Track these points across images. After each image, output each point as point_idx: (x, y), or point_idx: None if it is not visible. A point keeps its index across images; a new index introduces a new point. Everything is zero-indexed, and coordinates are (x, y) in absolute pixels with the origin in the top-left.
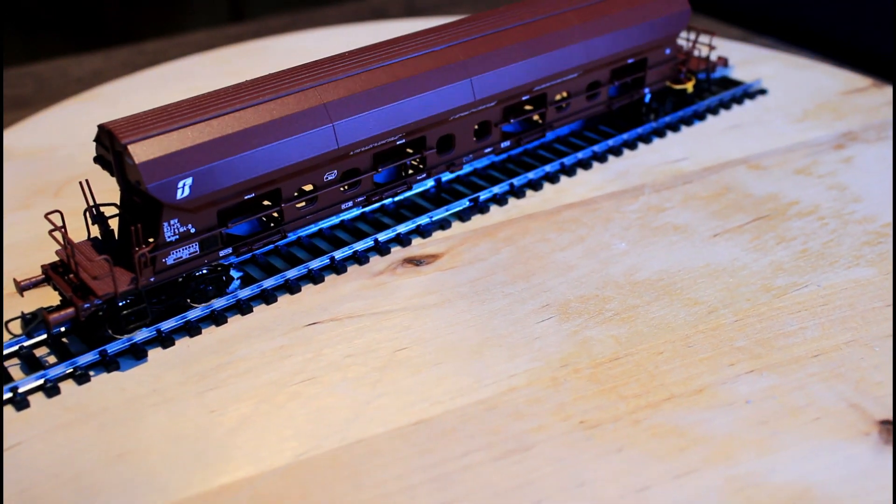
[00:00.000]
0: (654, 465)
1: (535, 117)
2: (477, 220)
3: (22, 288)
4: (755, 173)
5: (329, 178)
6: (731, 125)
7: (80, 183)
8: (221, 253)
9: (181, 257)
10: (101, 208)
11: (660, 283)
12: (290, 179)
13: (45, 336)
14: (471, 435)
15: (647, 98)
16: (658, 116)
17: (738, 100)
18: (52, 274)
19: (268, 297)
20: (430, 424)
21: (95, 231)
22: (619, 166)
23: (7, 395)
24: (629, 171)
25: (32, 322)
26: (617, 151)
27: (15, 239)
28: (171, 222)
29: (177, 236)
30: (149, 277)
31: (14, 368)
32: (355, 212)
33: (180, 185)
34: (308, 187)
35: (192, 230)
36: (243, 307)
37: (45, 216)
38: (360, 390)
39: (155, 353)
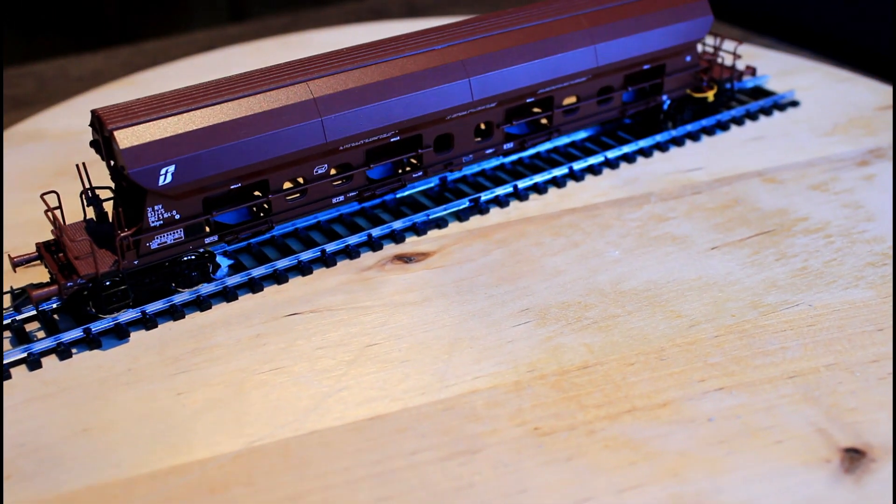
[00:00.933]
0: (600, 477)
1: (543, 120)
2: (475, 221)
3: (14, 264)
4: (769, 187)
5: (319, 171)
6: (754, 136)
7: (77, 165)
8: (207, 240)
9: (165, 242)
10: (98, 191)
11: (646, 293)
12: (277, 171)
13: (34, 311)
14: (423, 434)
15: (666, 105)
16: (676, 124)
17: (767, 111)
18: (44, 252)
19: (254, 285)
20: (385, 421)
21: (93, 213)
22: (630, 173)
23: None
24: (639, 178)
25: (20, 297)
26: (630, 158)
27: (31, 217)
28: (155, 208)
29: (160, 222)
30: (132, 260)
31: (5, 341)
32: (355, 206)
33: (163, 171)
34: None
35: (177, 216)
36: (229, 294)
37: (41, 196)
38: (325, 382)
39: (138, 335)
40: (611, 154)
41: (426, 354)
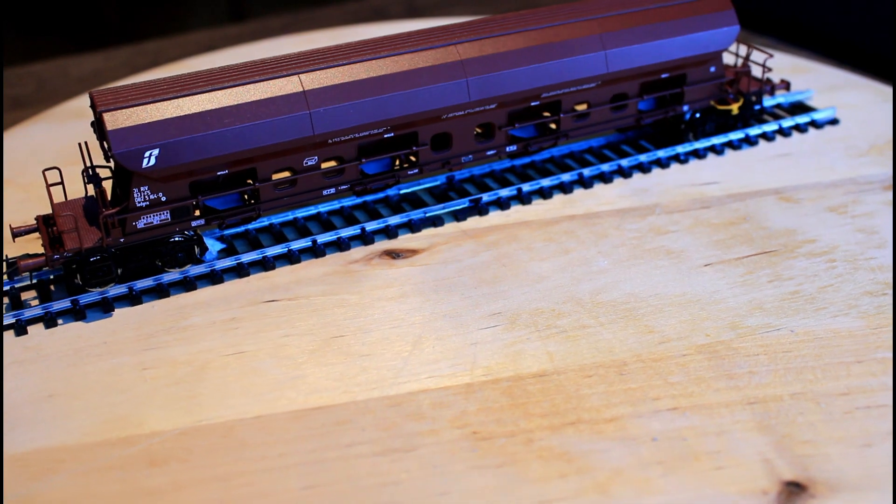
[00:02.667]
0: (525, 486)
1: (552, 125)
2: (472, 222)
3: (14, 234)
4: (783, 206)
5: (309, 163)
6: (781, 153)
7: (79, 144)
8: (194, 223)
9: (151, 223)
10: (99, 170)
11: (624, 306)
12: (265, 160)
13: (34, 280)
14: (363, 428)
15: (687, 116)
16: (697, 136)
17: (802, 128)
18: (41, 225)
19: (241, 270)
20: (329, 411)
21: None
22: (642, 183)
23: None
24: (650, 189)
25: (12, 266)
26: (646, 168)
27: (42, 193)
28: (142, 189)
29: (146, 203)
30: (118, 238)
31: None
32: (357, 200)
33: (147, 154)
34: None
35: (163, 198)
36: (215, 277)
37: (43, 172)
38: (283, 370)
39: (123, 310)
40: (625, 162)
41: (388, 350)
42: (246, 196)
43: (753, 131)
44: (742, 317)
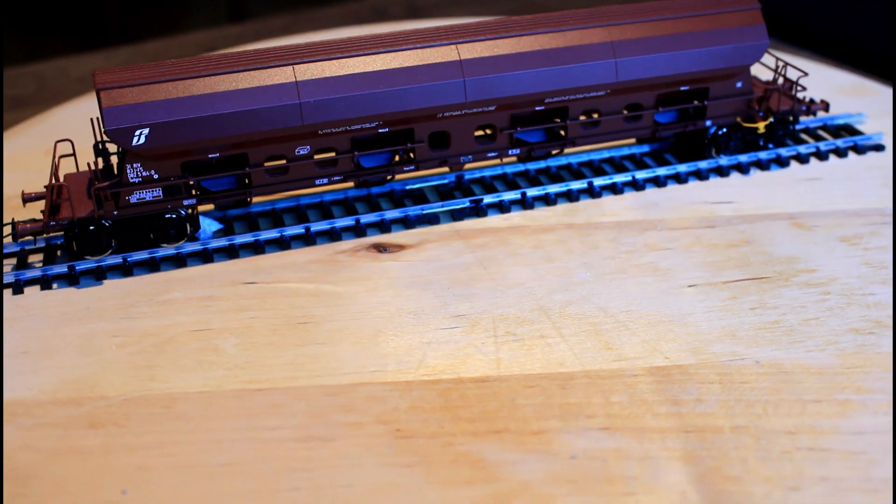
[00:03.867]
0: (427, 488)
1: (561, 131)
2: (469, 222)
3: (24, 200)
4: (794, 231)
5: (301, 152)
6: (811, 177)
7: (91, 119)
8: (186, 202)
9: (144, 198)
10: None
11: (590, 320)
12: (256, 146)
13: (43, 244)
14: (293, 413)
15: (711, 131)
16: (720, 152)
17: (841, 152)
18: (48, 193)
19: (232, 251)
20: (268, 394)
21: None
22: (653, 197)
23: None
24: (660, 203)
25: (13, 230)
26: (661, 182)
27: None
28: (134, 165)
29: (139, 179)
30: (111, 211)
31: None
32: (363, 192)
33: (137, 133)
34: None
35: (155, 176)
36: (206, 255)
37: (55, 143)
38: (240, 350)
39: (114, 280)
40: (640, 174)
41: (345, 340)
42: (246, 180)
43: (786, 152)
44: (709, 342)
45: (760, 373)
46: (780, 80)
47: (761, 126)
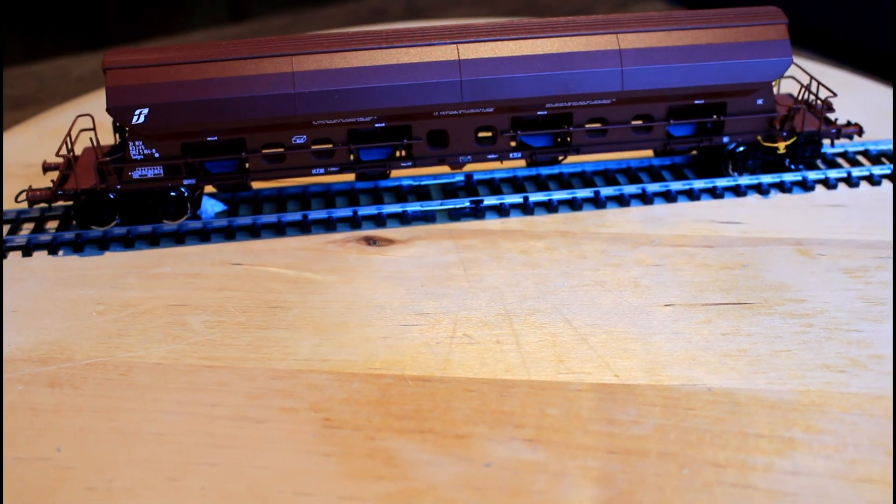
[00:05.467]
0: (336, 479)
1: (561, 137)
2: (464, 223)
3: (45, 168)
4: (796, 258)
5: (297, 141)
6: (834, 203)
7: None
8: (186, 182)
9: (145, 175)
10: None
11: (551, 329)
12: (253, 133)
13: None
14: (235, 392)
15: (729, 148)
16: (737, 171)
17: (875, 179)
18: (63, 163)
19: (229, 232)
20: (217, 372)
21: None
22: (659, 211)
23: None
24: (664, 218)
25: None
26: (672, 197)
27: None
28: (136, 143)
29: (141, 156)
30: (114, 185)
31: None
32: (369, 184)
33: (136, 112)
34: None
35: (156, 155)
36: (203, 234)
37: (76, 118)
38: (207, 327)
39: (116, 251)
40: (650, 187)
41: (307, 327)
42: (247, 165)
43: (813, 175)
44: (666, 365)
45: (710, 401)
46: (810, 98)
47: (781, 146)
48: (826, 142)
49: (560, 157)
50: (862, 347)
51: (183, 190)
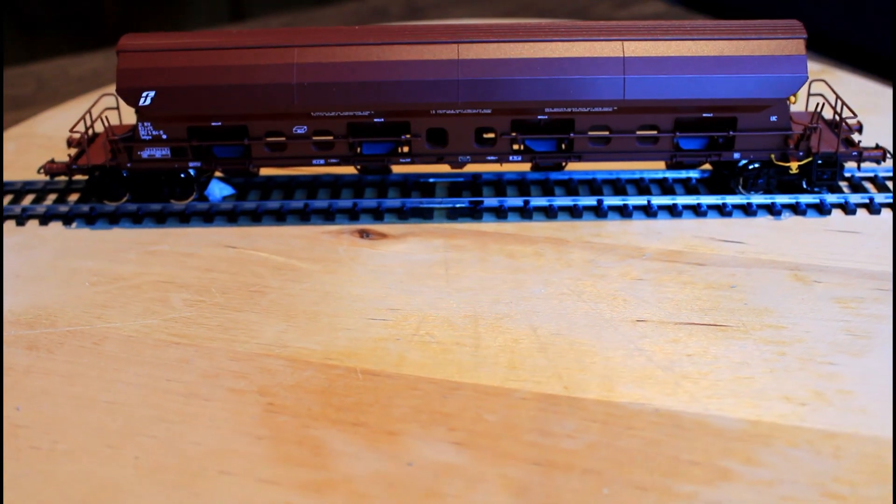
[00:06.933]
0: (261, 462)
1: (562, 143)
2: (460, 223)
3: (69, 144)
4: (788, 284)
5: (298, 131)
6: (848, 229)
7: None
8: (191, 164)
9: (154, 155)
10: None
11: (514, 335)
12: (255, 121)
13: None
14: (192, 370)
15: (739, 165)
16: (746, 188)
17: None
18: (83, 138)
19: (231, 215)
20: (183, 349)
21: None
22: (661, 226)
23: (17, 210)
24: (664, 232)
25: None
26: (677, 212)
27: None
28: (145, 124)
29: (149, 137)
30: (125, 163)
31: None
32: (376, 177)
33: (143, 95)
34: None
35: (164, 136)
36: (207, 216)
37: (100, 97)
38: (185, 304)
39: (124, 227)
40: (655, 200)
41: (278, 314)
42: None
43: (832, 199)
44: (620, 381)
45: (653, 422)
46: (835, 117)
47: (794, 166)
48: (852, 164)
49: (563, 164)
50: (831, 381)
51: (191, 172)
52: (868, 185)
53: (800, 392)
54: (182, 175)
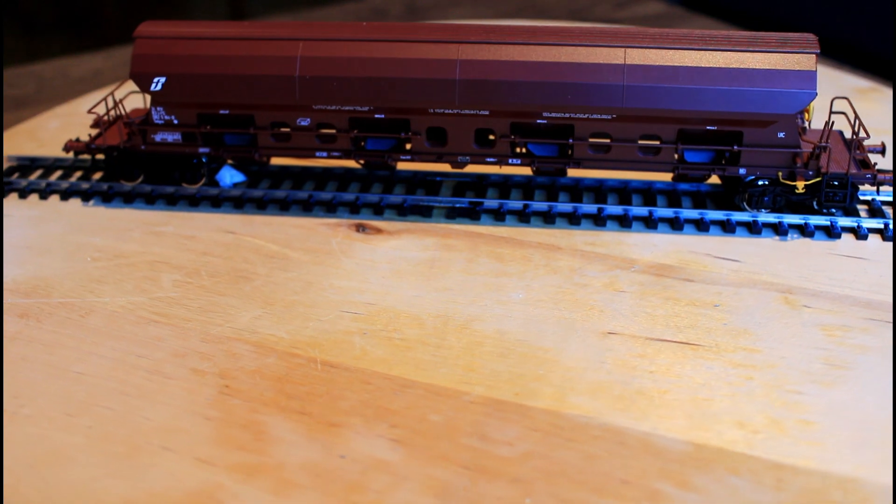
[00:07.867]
0: (200, 441)
1: (562, 149)
2: (459, 223)
3: (93, 125)
4: (776, 307)
5: (302, 123)
6: (855, 255)
7: None
8: (201, 150)
9: (166, 140)
10: None
11: (479, 338)
12: (261, 110)
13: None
14: (165, 349)
15: (745, 181)
16: (751, 206)
17: None
18: (108, 121)
19: (238, 202)
20: (160, 328)
21: None
22: (658, 238)
23: (42, 185)
24: (660, 245)
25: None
26: (678, 225)
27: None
28: (158, 108)
29: (162, 121)
30: (139, 145)
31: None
32: (384, 172)
33: (155, 80)
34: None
35: (175, 121)
36: (215, 201)
37: (121, 82)
38: (174, 286)
39: (136, 207)
40: (657, 211)
41: (259, 299)
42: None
43: (844, 222)
44: (573, 393)
45: (596, 436)
46: (852, 137)
47: (800, 185)
48: (870, 187)
49: (565, 170)
50: (793, 411)
51: (203, 157)
52: (888, 210)
53: (756, 419)
54: (194, 161)
